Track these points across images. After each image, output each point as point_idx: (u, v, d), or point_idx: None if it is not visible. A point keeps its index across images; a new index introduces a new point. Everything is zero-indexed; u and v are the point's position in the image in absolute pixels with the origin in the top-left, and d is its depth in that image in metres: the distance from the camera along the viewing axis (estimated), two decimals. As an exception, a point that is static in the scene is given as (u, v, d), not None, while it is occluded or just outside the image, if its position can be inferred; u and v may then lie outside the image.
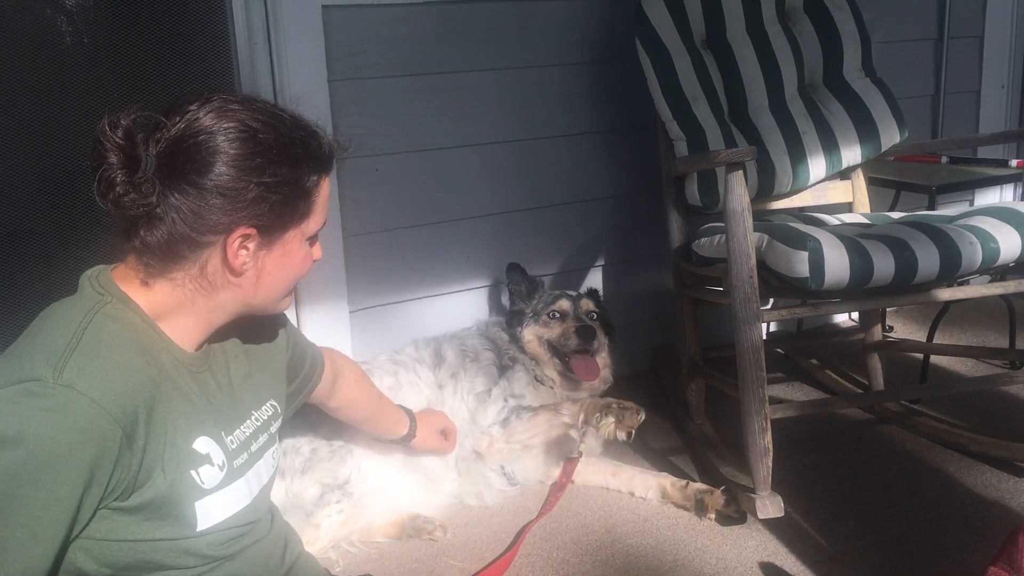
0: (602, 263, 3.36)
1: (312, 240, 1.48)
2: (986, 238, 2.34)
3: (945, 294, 2.49)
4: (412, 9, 2.81)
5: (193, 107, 1.33)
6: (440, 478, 2.50)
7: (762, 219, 2.70)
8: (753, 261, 2.27)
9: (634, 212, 3.33)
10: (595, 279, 3.35)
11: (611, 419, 2.23)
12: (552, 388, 2.62)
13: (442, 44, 2.89)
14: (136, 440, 1.25)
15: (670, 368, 3.28)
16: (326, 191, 1.46)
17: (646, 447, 2.89)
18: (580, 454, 2.61)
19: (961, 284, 2.59)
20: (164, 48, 2.61)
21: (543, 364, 2.64)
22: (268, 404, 1.59)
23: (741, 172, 2.27)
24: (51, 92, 2.50)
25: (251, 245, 1.37)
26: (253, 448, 1.50)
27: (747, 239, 2.26)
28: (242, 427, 1.49)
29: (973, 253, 2.32)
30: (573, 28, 3.11)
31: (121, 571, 1.31)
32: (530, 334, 2.69)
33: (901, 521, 2.38)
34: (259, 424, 1.54)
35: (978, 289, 2.49)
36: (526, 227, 3.17)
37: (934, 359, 3.31)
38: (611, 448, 2.80)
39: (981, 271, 2.41)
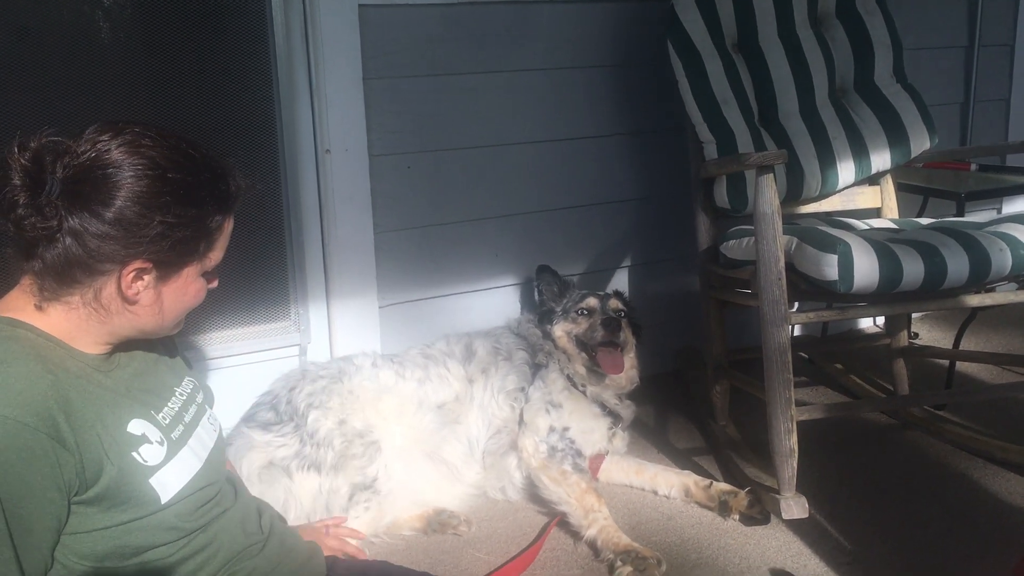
0: (628, 264, 3.38)
1: (210, 274, 1.50)
2: (1016, 245, 2.35)
3: (973, 300, 2.50)
4: (447, 9, 2.85)
5: (105, 137, 1.33)
6: (463, 470, 2.54)
7: (790, 223, 2.72)
8: (782, 264, 2.29)
9: (660, 214, 3.35)
10: (621, 280, 3.37)
11: (629, 568, 2.19)
12: (584, 390, 2.64)
13: (475, 44, 2.92)
14: (65, 439, 1.28)
15: (694, 369, 3.30)
16: (228, 229, 1.49)
17: (670, 447, 2.91)
18: (606, 451, 2.64)
19: (989, 290, 2.59)
20: (203, 45, 2.65)
21: (573, 360, 2.67)
22: (186, 380, 1.64)
23: (772, 175, 2.29)
24: (87, 87, 2.53)
25: (147, 277, 1.39)
26: (186, 419, 1.56)
27: (776, 242, 2.27)
28: (169, 403, 1.54)
29: (1003, 260, 2.33)
30: (603, 31, 3.13)
31: (101, 561, 1.35)
32: (560, 330, 2.72)
33: (925, 526, 2.39)
34: (184, 398, 1.59)
35: (1007, 296, 2.50)
36: (554, 227, 3.20)
37: (960, 365, 3.31)
38: (635, 447, 2.83)
39: (1010, 278, 2.42)
